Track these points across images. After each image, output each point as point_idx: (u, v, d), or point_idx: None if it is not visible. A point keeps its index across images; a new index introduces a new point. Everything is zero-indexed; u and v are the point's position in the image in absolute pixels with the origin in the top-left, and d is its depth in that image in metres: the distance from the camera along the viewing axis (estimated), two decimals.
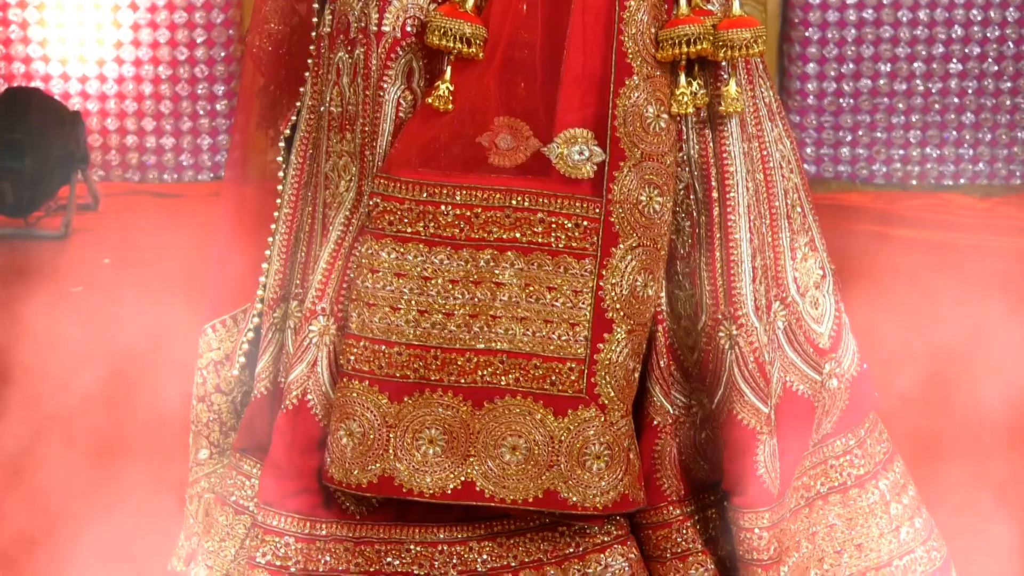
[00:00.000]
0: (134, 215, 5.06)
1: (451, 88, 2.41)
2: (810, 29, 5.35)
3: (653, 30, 2.44)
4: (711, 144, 2.51)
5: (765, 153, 2.53)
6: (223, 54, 5.33)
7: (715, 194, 2.51)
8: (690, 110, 2.46)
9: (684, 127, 2.51)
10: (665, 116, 2.45)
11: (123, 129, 5.36)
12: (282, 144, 2.66)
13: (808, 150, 5.44)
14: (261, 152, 2.76)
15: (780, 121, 2.57)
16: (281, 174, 2.66)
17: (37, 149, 4.75)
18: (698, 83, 2.47)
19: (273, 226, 2.66)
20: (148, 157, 5.40)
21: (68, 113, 4.90)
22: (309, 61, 2.61)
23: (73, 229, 4.81)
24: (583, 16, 2.41)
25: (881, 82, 5.38)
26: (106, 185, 5.25)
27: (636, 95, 2.43)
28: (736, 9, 2.48)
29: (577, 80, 2.41)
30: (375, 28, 2.48)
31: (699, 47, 2.43)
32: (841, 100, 5.40)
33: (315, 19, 2.60)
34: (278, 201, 2.65)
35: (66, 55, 5.29)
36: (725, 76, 2.48)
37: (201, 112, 5.36)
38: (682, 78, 2.45)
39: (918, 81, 5.39)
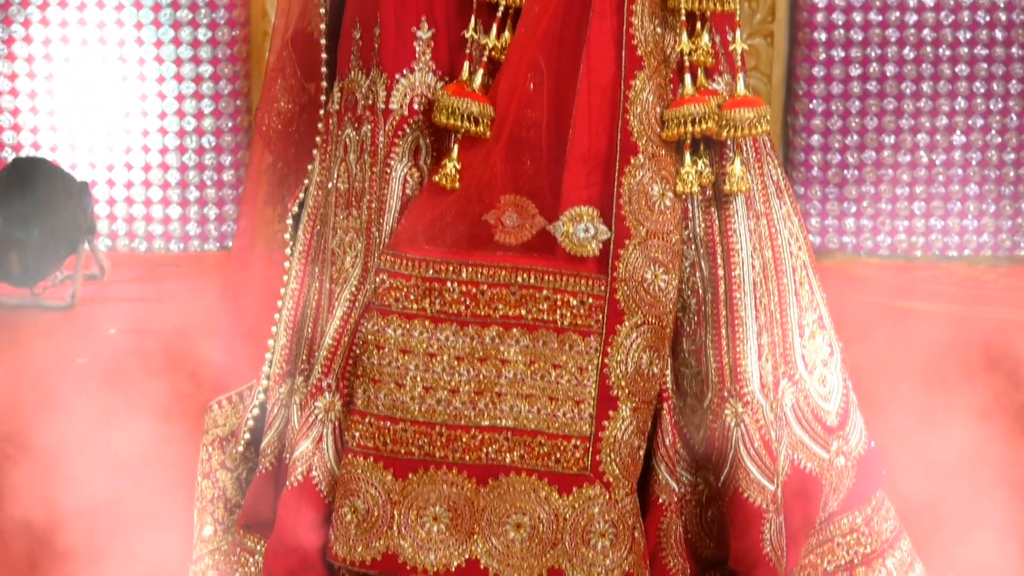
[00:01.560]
0: (141, 285, 5.07)
1: (458, 166, 2.42)
2: (814, 101, 5.38)
3: (658, 109, 2.45)
4: (716, 222, 2.53)
5: (773, 230, 2.54)
6: (230, 124, 5.36)
7: (721, 272, 2.52)
8: (695, 189, 2.47)
9: (690, 205, 2.52)
10: (670, 194, 2.46)
11: (130, 199, 5.38)
12: (290, 221, 2.67)
13: (813, 221, 5.45)
14: (269, 226, 2.77)
15: (788, 198, 2.58)
16: (288, 250, 2.67)
17: (44, 219, 4.77)
18: (703, 162, 2.49)
19: (280, 302, 2.66)
20: (155, 226, 5.41)
21: (75, 184, 4.92)
22: (317, 139, 2.62)
23: (79, 299, 4.82)
24: (589, 95, 2.42)
25: (885, 153, 5.40)
26: (113, 254, 5.26)
27: (641, 174, 2.44)
28: (741, 89, 2.49)
29: (583, 158, 2.43)
30: (383, 106, 2.50)
31: (704, 127, 2.45)
32: (846, 171, 5.42)
33: (323, 97, 2.62)
34: (285, 277, 2.66)
35: (74, 125, 5.32)
36: (730, 155, 2.49)
37: (208, 182, 5.38)
38: (687, 157, 2.47)
39: (922, 153, 5.40)
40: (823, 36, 5.34)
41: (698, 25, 2.47)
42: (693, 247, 2.53)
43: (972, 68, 5.36)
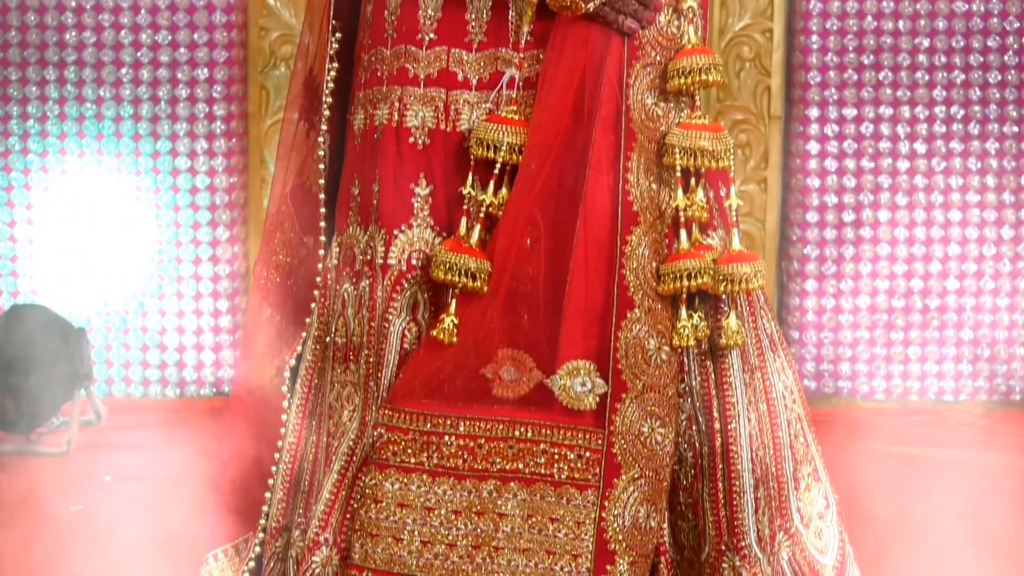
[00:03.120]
0: (137, 431, 5.07)
1: (455, 321, 2.44)
2: (808, 246, 5.41)
3: (654, 264, 2.48)
4: (712, 375, 2.54)
5: (768, 383, 2.56)
6: (228, 270, 5.39)
7: (717, 425, 2.53)
8: (691, 343, 2.49)
9: (686, 358, 2.54)
10: (666, 348, 2.48)
11: (126, 344, 5.39)
12: (287, 374, 2.69)
13: (808, 365, 5.46)
14: (266, 379, 2.79)
15: (782, 351, 2.60)
16: (286, 403, 2.68)
17: (41, 366, 4.78)
18: (699, 315, 2.51)
19: (277, 455, 2.67)
20: (151, 372, 5.42)
21: (73, 330, 4.93)
22: (315, 292, 2.64)
23: (75, 445, 4.82)
24: (586, 250, 2.45)
25: (880, 298, 5.43)
26: (109, 400, 5.26)
27: (638, 328, 2.46)
28: (736, 244, 2.52)
29: (579, 313, 2.45)
30: (381, 261, 2.53)
31: (700, 281, 2.47)
32: (840, 316, 5.44)
33: (322, 251, 2.64)
34: (282, 430, 2.67)
35: (71, 270, 5.34)
36: (726, 309, 2.51)
37: (204, 327, 5.40)
38: (683, 311, 2.49)
39: (916, 297, 5.43)
40: (816, 182, 5.39)
41: (693, 181, 2.50)
42: (689, 400, 2.54)
43: (964, 214, 5.40)
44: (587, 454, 2.44)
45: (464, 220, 2.47)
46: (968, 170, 5.38)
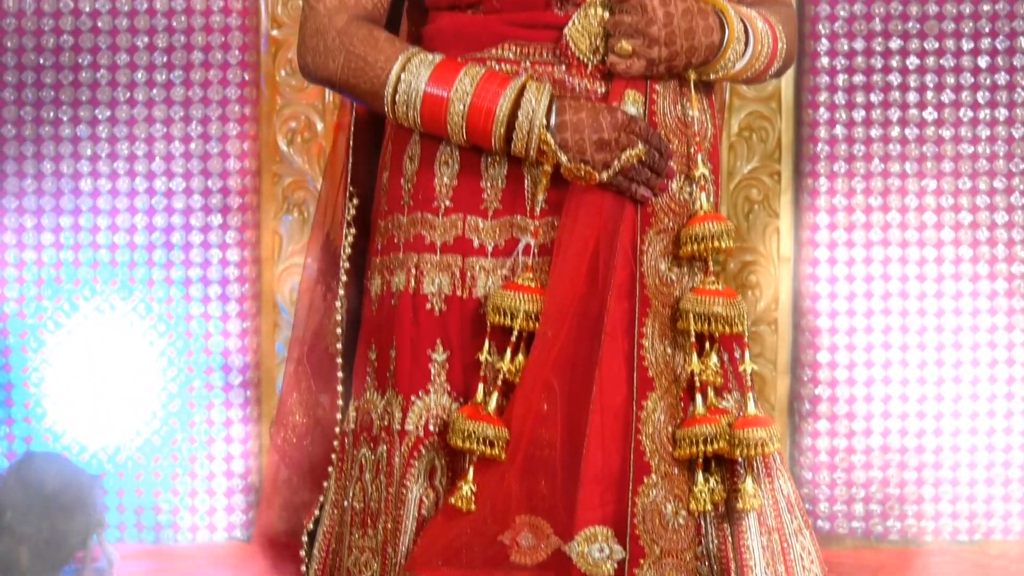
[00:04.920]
0: None
1: (473, 489, 2.45)
2: (820, 387, 5.42)
3: (670, 428, 2.49)
4: (730, 538, 2.54)
5: (785, 545, 2.56)
6: (240, 415, 5.39)
7: None
8: (708, 507, 2.50)
9: (703, 522, 2.54)
10: (683, 513, 2.48)
11: (139, 489, 5.39)
12: (305, 538, 2.69)
13: (822, 507, 5.45)
14: (283, 540, 2.79)
15: (799, 512, 2.60)
16: (304, 567, 2.68)
17: (55, 515, 4.77)
18: (715, 479, 2.51)
19: None
20: (163, 517, 5.41)
21: (87, 477, 4.94)
22: (332, 456, 2.65)
23: None
24: (602, 416, 2.46)
25: (891, 438, 5.42)
26: (121, 546, 5.25)
27: (655, 493, 2.46)
28: (751, 409, 2.53)
29: (596, 478, 2.45)
30: (398, 427, 2.54)
31: (716, 446, 2.48)
32: (853, 457, 5.44)
33: (339, 415, 2.65)
34: None
35: (84, 417, 5.35)
36: (742, 472, 2.52)
37: (216, 472, 5.40)
38: (700, 475, 2.49)
39: (929, 436, 5.43)
40: (827, 323, 5.41)
41: (707, 345, 2.52)
42: (707, 563, 2.54)
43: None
44: None
45: (481, 386, 2.49)
46: (977, 310, 5.40)
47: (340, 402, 2.66)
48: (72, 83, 5.29)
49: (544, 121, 2.44)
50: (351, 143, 2.65)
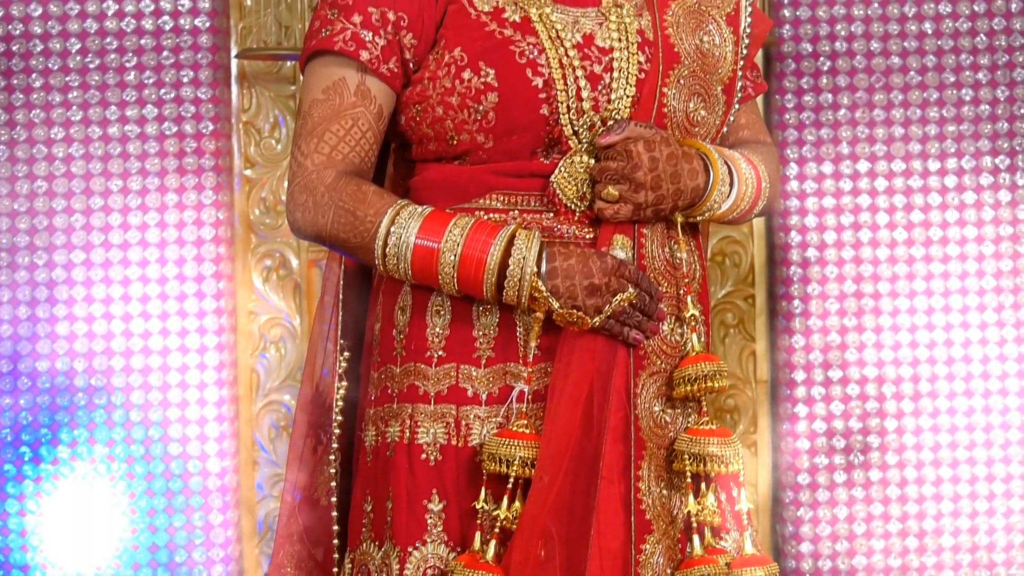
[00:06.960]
0: None
1: None
2: (802, 509, 5.42)
3: (669, 571, 2.50)
4: None
5: None
6: (221, 555, 5.35)
7: None
8: None
9: None
10: None
11: None
12: None
13: None
14: None
15: None
16: None
17: None
18: None
19: None
20: None
21: None
22: None
23: None
24: (600, 560, 2.46)
25: (876, 557, 5.41)
26: None
27: None
28: (748, 548, 2.54)
29: None
30: None
31: None
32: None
33: (335, 569, 2.64)
34: None
35: (65, 554, 5.30)
36: None
37: None
38: None
39: (913, 556, 5.42)
40: (805, 444, 5.43)
41: (703, 486, 2.53)
42: None
43: (954, 469, 5.43)
44: None
45: (478, 535, 2.48)
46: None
47: (336, 555, 2.65)
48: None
49: (535, 268, 2.46)
50: (340, 297, 2.66)
